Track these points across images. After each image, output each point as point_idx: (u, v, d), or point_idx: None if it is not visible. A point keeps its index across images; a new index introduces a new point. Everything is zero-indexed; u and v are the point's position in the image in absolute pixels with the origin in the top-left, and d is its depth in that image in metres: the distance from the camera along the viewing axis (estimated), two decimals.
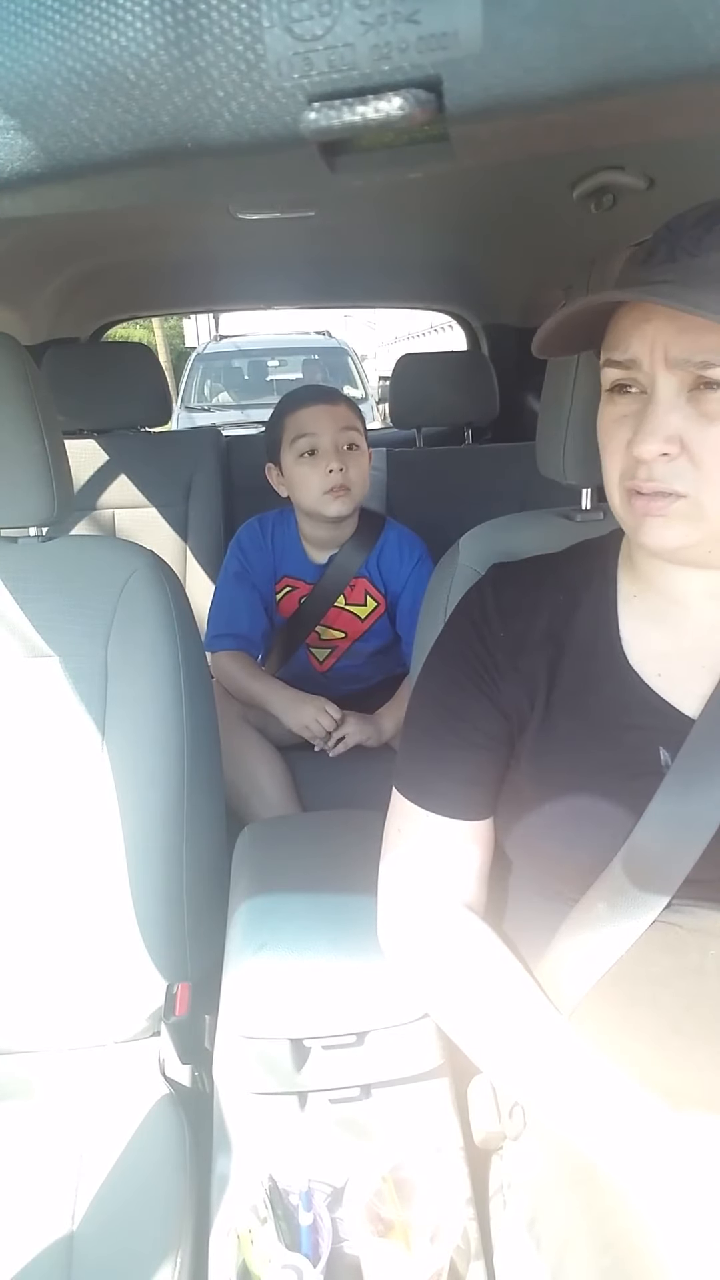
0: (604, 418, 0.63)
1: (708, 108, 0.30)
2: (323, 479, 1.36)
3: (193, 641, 0.95)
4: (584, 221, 1.39)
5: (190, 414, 6.06)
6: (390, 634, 1.51)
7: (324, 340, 7.31)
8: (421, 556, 1.47)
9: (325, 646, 1.52)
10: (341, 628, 1.50)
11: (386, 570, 1.48)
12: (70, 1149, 0.78)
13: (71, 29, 0.28)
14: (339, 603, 1.47)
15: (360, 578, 1.47)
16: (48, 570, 0.94)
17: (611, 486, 0.63)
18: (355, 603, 1.48)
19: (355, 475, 1.38)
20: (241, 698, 1.43)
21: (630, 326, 0.58)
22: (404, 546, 1.48)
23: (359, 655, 1.53)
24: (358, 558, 1.46)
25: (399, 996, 0.73)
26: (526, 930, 0.71)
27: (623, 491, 0.62)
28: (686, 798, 0.62)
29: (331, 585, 1.46)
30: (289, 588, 1.50)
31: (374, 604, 1.48)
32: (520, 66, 0.27)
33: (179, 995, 0.85)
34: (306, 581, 1.49)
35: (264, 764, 1.37)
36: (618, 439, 0.61)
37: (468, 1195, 0.70)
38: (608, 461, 0.63)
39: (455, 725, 0.70)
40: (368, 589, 1.47)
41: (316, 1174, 0.71)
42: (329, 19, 0.27)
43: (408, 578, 1.46)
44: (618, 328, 0.60)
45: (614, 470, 0.62)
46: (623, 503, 0.62)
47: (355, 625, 1.49)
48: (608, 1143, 0.58)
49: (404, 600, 1.47)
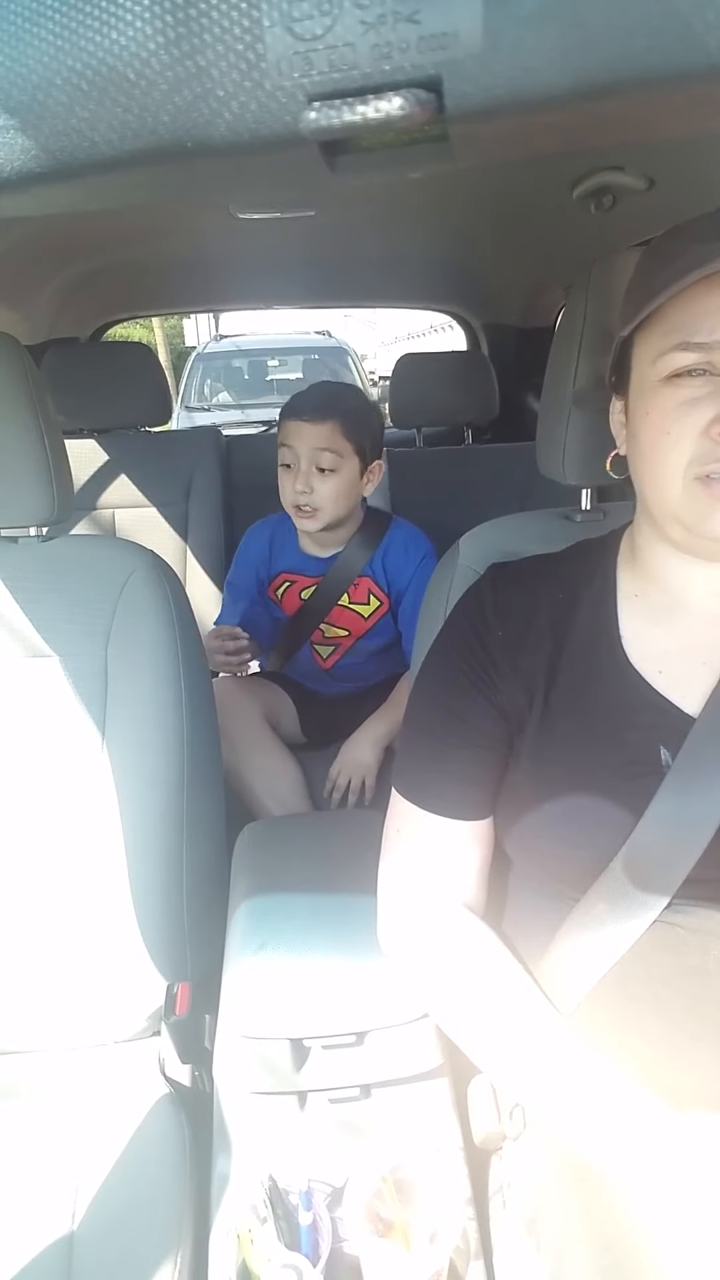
0: (663, 404, 0.60)
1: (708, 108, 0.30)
2: (291, 493, 1.37)
3: (193, 641, 0.95)
4: (584, 221, 1.39)
5: (190, 414, 6.05)
6: (393, 632, 1.52)
7: (324, 340, 7.31)
8: (426, 555, 1.47)
9: (329, 644, 1.53)
10: (345, 626, 1.50)
11: (391, 569, 1.48)
12: (70, 1149, 0.78)
13: (71, 29, 0.28)
14: (343, 601, 1.48)
15: (364, 577, 1.47)
16: (48, 570, 0.94)
17: (671, 476, 0.60)
18: (359, 601, 1.48)
19: (324, 497, 1.35)
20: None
21: (718, 307, 0.57)
22: (409, 545, 1.48)
23: (362, 653, 1.54)
24: (362, 556, 1.46)
25: (399, 996, 0.73)
26: (526, 930, 0.71)
27: (688, 480, 0.60)
28: (687, 797, 0.62)
29: (335, 583, 1.47)
30: (287, 582, 1.50)
31: (378, 603, 1.48)
32: (520, 66, 0.27)
33: (179, 995, 0.85)
34: (307, 575, 1.49)
35: (279, 765, 1.38)
36: (685, 423, 0.59)
37: (468, 1195, 0.70)
38: (669, 450, 0.60)
39: (454, 725, 0.70)
40: (371, 588, 1.48)
41: (316, 1174, 0.71)
42: (329, 18, 0.27)
43: (411, 576, 1.46)
44: (691, 310, 0.58)
45: (679, 457, 0.60)
46: (687, 491, 0.60)
47: (359, 624, 1.50)
48: (607, 1143, 0.58)
49: (407, 599, 1.47)
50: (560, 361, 0.86)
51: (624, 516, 0.75)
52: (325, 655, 1.55)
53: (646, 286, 0.60)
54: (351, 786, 1.40)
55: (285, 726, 1.49)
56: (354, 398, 1.42)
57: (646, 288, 0.60)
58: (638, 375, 0.64)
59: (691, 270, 0.55)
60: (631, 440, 0.66)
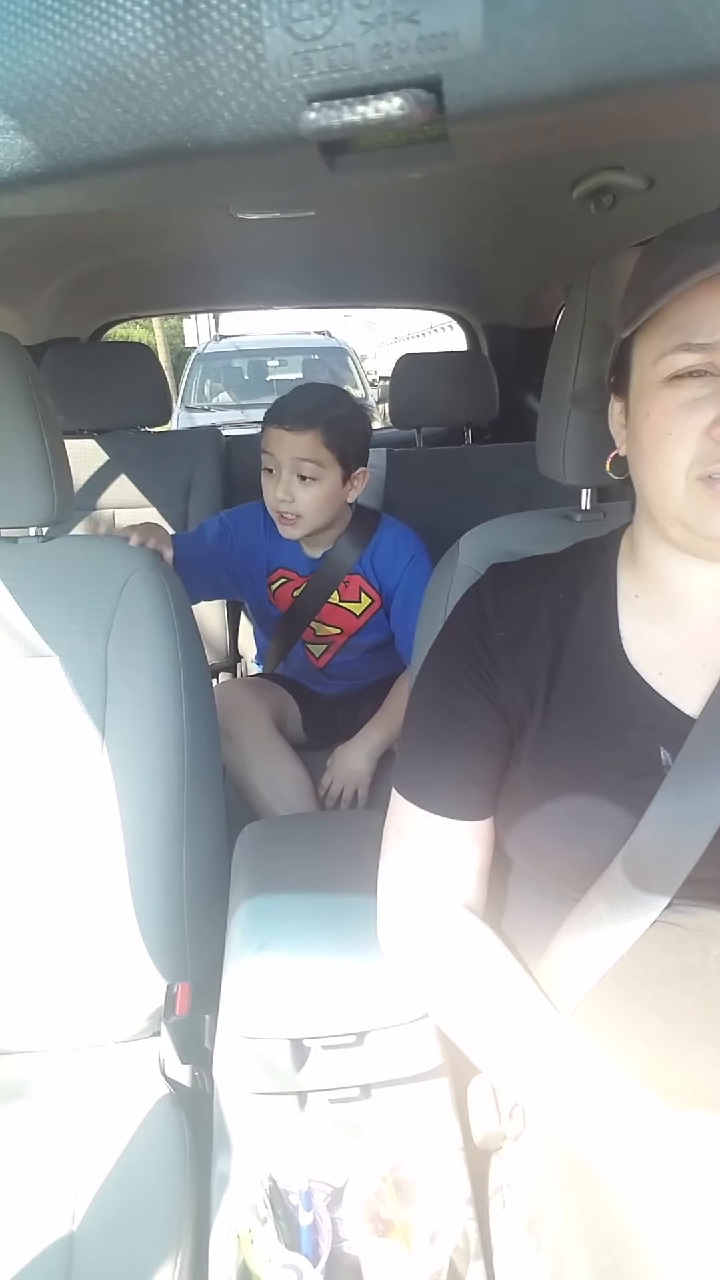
0: (664, 405, 0.60)
1: (708, 108, 0.30)
2: (272, 498, 1.36)
3: (193, 641, 0.95)
4: (584, 221, 1.39)
5: (190, 414, 6.06)
6: (387, 629, 1.52)
7: (324, 340, 7.31)
8: (416, 554, 1.46)
9: (321, 642, 1.53)
10: (337, 624, 1.50)
11: (380, 568, 1.48)
12: (70, 1149, 0.78)
13: (71, 29, 0.28)
14: (334, 599, 1.48)
15: (355, 574, 1.47)
16: (47, 570, 0.94)
17: (673, 477, 0.60)
18: (350, 599, 1.48)
19: (304, 505, 1.34)
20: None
21: (719, 308, 0.57)
22: (398, 544, 1.48)
23: (356, 650, 1.54)
24: (351, 554, 1.46)
25: (399, 996, 0.73)
26: (527, 930, 0.71)
27: (690, 480, 0.60)
28: (687, 797, 0.62)
29: (324, 581, 1.47)
30: (283, 579, 1.51)
31: (369, 600, 1.48)
32: (520, 66, 0.27)
33: (179, 995, 0.85)
34: (299, 574, 1.49)
35: (286, 768, 1.39)
36: (687, 425, 0.59)
37: (468, 1195, 0.70)
38: (671, 450, 0.60)
39: (455, 726, 0.70)
40: (362, 586, 1.48)
41: (316, 1174, 0.71)
42: (329, 19, 0.26)
43: (401, 575, 1.46)
44: (692, 310, 0.58)
45: (681, 458, 0.60)
46: (689, 492, 0.60)
47: (350, 621, 1.50)
48: (607, 1143, 0.58)
49: (398, 597, 1.47)
50: (560, 361, 0.86)
51: (624, 516, 0.75)
52: (318, 654, 1.55)
53: (647, 287, 0.60)
54: (344, 795, 1.40)
55: (290, 728, 1.49)
56: (339, 404, 1.38)
57: (647, 288, 0.60)
58: (638, 376, 0.63)
59: (694, 271, 0.55)
60: (632, 441, 0.66)
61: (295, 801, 1.36)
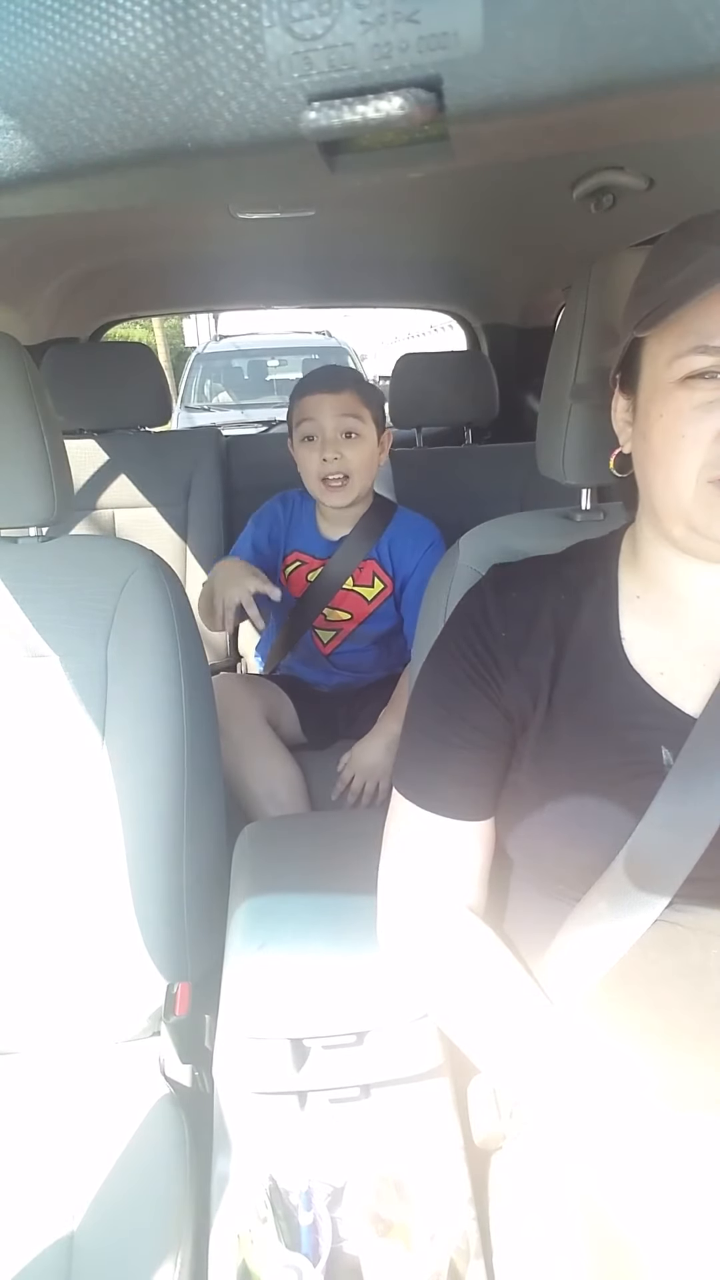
0: (678, 407, 0.60)
1: (708, 108, 0.30)
2: (319, 465, 1.40)
3: (193, 641, 0.95)
4: (584, 221, 1.39)
5: (190, 414, 6.05)
6: (395, 618, 1.53)
7: (324, 340, 7.30)
8: (433, 542, 1.49)
9: (330, 628, 1.54)
10: (348, 609, 1.51)
11: (397, 554, 1.49)
12: (70, 1149, 0.78)
13: (71, 29, 0.28)
14: (347, 584, 1.49)
15: (369, 559, 1.48)
16: (47, 570, 0.94)
17: (685, 479, 0.60)
18: (363, 584, 1.50)
19: (354, 462, 1.40)
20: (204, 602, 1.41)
21: None
22: (417, 532, 1.50)
23: (363, 639, 1.54)
24: (368, 539, 1.48)
25: (399, 996, 0.73)
26: (527, 929, 0.71)
27: (701, 483, 0.60)
28: (688, 797, 0.62)
29: (341, 565, 1.48)
30: (298, 562, 1.52)
31: (381, 586, 1.49)
32: (520, 66, 0.27)
33: (179, 995, 0.85)
34: (315, 557, 1.51)
35: (279, 766, 1.38)
36: (700, 427, 0.59)
37: (468, 1195, 0.70)
38: (684, 453, 0.60)
39: (456, 726, 0.70)
40: (376, 571, 1.49)
41: (316, 1174, 0.71)
42: (329, 18, 0.26)
43: (418, 562, 1.48)
44: (708, 313, 0.58)
45: (693, 460, 0.60)
46: (700, 494, 0.60)
47: (361, 607, 1.51)
48: (607, 1143, 0.58)
49: (412, 583, 1.48)
50: (560, 361, 0.86)
51: (624, 516, 0.75)
52: (326, 640, 1.55)
53: (661, 286, 0.60)
54: (366, 790, 1.40)
55: (285, 727, 1.49)
56: (357, 373, 1.50)
57: (661, 287, 0.60)
58: (650, 376, 0.63)
59: (716, 277, 0.55)
60: (640, 440, 0.65)
61: (287, 800, 1.35)
